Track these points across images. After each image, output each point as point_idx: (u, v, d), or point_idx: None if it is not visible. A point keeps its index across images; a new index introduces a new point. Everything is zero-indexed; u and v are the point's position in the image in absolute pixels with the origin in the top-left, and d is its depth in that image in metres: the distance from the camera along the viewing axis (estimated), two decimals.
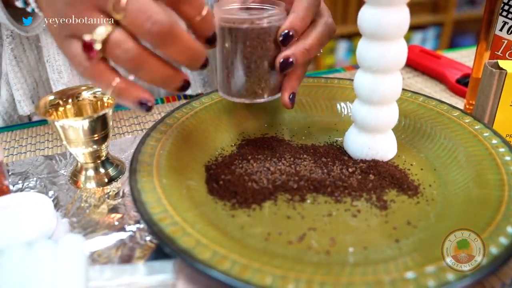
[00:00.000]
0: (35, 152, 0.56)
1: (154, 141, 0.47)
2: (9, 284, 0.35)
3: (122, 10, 0.34)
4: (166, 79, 0.38)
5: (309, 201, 0.43)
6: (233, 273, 0.32)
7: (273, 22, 0.45)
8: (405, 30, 0.43)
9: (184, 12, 0.38)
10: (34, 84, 0.66)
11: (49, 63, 0.64)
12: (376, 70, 0.44)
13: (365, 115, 0.47)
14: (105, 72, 0.37)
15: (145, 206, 0.38)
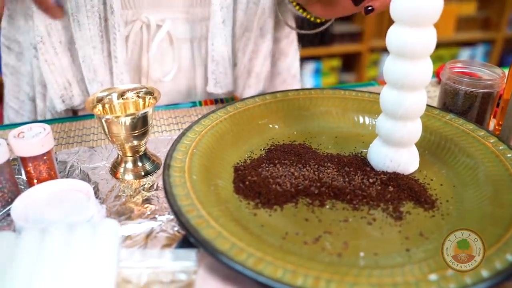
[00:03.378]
0: (81, 143, 0.61)
1: (188, 141, 0.51)
2: (51, 260, 0.39)
3: None
4: None
5: (328, 207, 0.46)
6: (247, 264, 0.35)
7: None
8: (431, 50, 0.45)
9: None
10: (66, 84, 0.70)
11: (85, 63, 0.68)
12: (401, 87, 0.47)
13: (389, 129, 0.49)
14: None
15: (175, 198, 0.42)
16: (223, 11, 0.68)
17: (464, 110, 0.60)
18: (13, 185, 0.50)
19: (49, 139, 0.50)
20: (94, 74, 0.69)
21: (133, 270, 0.40)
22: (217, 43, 0.71)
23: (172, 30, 0.71)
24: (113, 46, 0.67)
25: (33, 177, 0.51)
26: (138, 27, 0.69)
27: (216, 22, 0.69)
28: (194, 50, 0.75)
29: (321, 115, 0.62)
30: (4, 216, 0.48)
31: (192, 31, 0.73)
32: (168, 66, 0.73)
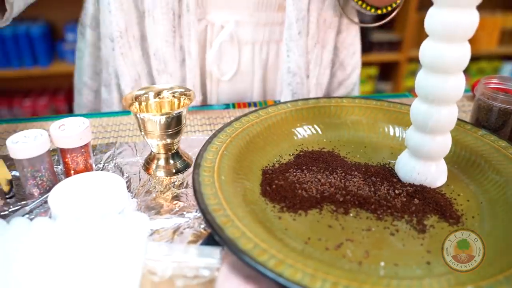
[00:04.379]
0: (117, 138, 0.64)
1: (219, 142, 0.53)
2: (82, 246, 0.41)
3: None
4: None
5: (352, 215, 0.47)
6: (269, 265, 0.36)
7: None
8: (465, 65, 0.45)
9: None
10: (136, 76, 0.75)
11: (156, 56, 0.72)
12: (432, 100, 0.47)
13: (418, 142, 0.49)
14: None
15: (203, 197, 0.43)
16: (299, 23, 0.70)
17: (498, 127, 0.59)
18: (51, 175, 0.52)
19: (87, 133, 0.52)
20: (165, 65, 0.72)
21: (159, 263, 0.41)
22: (293, 55, 0.73)
23: (235, 32, 0.73)
24: (187, 42, 0.70)
25: (70, 168, 0.53)
26: (203, 26, 0.73)
27: (292, 34, 0.71)
28: (255, 53, 0.77)
29: (352, 124, 0.62)
30: (42, 203, 0.51)
31: (255, 35, 0.75)
32: (228, 66, 0.76)
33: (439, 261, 0.41)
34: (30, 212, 0.49)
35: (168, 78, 0.73)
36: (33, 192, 0.52)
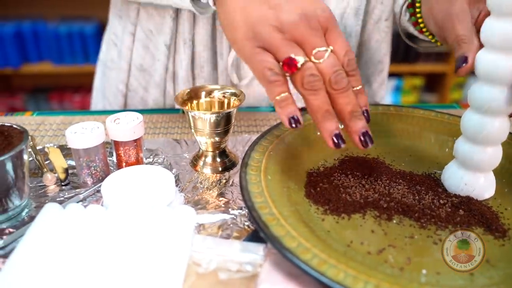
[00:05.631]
0: (167, 135, 0.66)
1: (266, 143, 0.54)
2: (132, 235, 0.43)
3: (319, 58, 0.44)
4: (326, 113, 0.44)
5: (395, 221, 0.47)
6: (312, 263, 0.37)
7: None
8: None
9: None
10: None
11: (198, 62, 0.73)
12: (485, 111, 0.46)
13: (467, 152, 0.49)
14: (281, 86, 0.44)
15: (250, 195, 0.45)
16: None
17: None
18: (105, 165, 0.55)
19: (140, 127, 0.55)
20: (201, 70, 0.73)
21: (204, 255, 0.43)
22: None
23: None
24: (219, 44, 0.71)
25: (122, 160, 0.56)
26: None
27: None
28: None
29: (397, 132, 0.62)
30: (95, 192, 0.53)
31: None
32: (245, 71, 0.75)
33: (483, 272, 0.41)
34: (84, 200, 0.52)
35: (202, 82, 0.74)
36: (87, 181, 0.54)
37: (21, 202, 0.49)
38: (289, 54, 0.43)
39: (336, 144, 0.45)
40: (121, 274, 0.39)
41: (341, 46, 0.46)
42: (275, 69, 0.44)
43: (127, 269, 0.40)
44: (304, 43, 0.44)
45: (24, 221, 0.48)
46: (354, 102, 0.45)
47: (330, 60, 0.44)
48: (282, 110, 0.44)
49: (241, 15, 0.46)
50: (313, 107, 0.44)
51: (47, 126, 0.69)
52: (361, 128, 0.45)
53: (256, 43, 0.45)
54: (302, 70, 0.43)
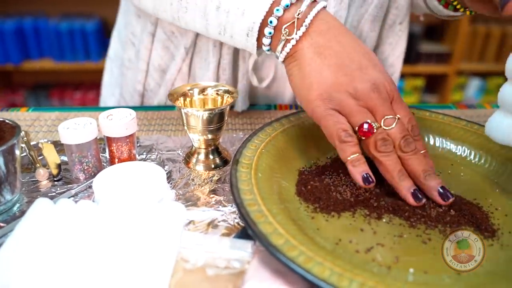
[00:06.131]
0: (161, 132, 0.66)
1: (258, 140, 0.54)
2: (121, 230, 0.43)
3: (389, 125, 0.48)
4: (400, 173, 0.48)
5: (385, 220, 0.47)
6: (298, 261, 0.37)
7: None
8: None
9: None
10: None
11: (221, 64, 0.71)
12: None
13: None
14: (354, 146, 0.47)
15: (239, 192, 0.45)
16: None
17: None
18: (97, 161, 0.55)
19: (133, 124, 0.55)
20: (223, 72, 0.72)
21: (192, 252, 0.43)
22: None
23: None
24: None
25: (115, 156, 0.56)
26: None
27: None
28: None
29: None
30: (87, 187, 0.53)
31: None
32: (265, 73, 0.75)
33: (470, 272, 0.41)
34: (75, 195, 0.52)
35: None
36: (79, 177, 0.55)
37: (12, 197, 0.49)
38: (365, 120, 0.47)
39: (416, 197, 0.47)
40: (109, 269, 0.39)
41: (405, 115, 0.50)
42: (349, 130, 0.47)
43: (115, 264, 0.40)
44: (376, 110, 0.49)
45: (15, 216, 0.49)
46: (425, 162, 0.49)
47: (399, 126, 0.48)
48: (355, 169, 0.47)
49: (317, 78, 0.49)
50: (388, 167, 0.48)
51: (42, 122, 0.69)
52: (437, 184, 0.48)
53: (330, 105, 0.48)
54: (375, 135, 0.48)
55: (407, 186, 0.48)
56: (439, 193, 0.48)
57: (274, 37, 0.52)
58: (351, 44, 0.51)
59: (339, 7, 0.67)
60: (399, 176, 0.48)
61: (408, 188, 0.48)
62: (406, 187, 0.48)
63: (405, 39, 0.80)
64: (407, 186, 0.48)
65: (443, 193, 0.48)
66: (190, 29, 0.62)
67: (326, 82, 0.49)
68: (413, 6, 0.76)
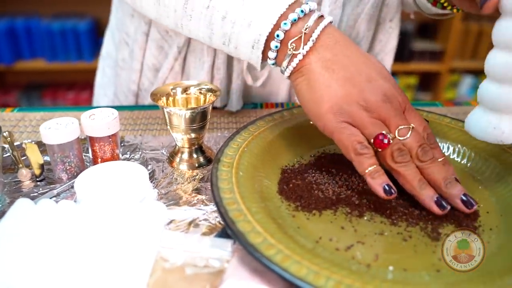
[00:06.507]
0: (146, 131, 0.66)
1: (241, 139, 0.54)
2: (101, 230, 0.43)
3: (403, 136, 0.47)
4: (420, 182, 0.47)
5: (366, 218, 0.47)
6: (275, 259, 0.37)
7: None
8: None
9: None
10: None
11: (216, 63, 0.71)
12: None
13: (495, 94, 0.46)
14: (371, 158, 0.47)
15: (219, 191, 0.45)
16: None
17: None
18: (80, 161, 0.55)
19: (115, 123, 0.54)
20: (217, 72, 0.71)
21: (172, 251, 0.43)
22: None
23: None
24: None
25: (98, 156, 0.56)
26: None
27: None
28: None
29: None
30: (69, 187, 0.53)
31: None
32: (259, 72, 0.73)
33: (449, 269, 0.41)
34: (58, 195, 0.52)
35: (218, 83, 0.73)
36: (62, 177, 0.54)
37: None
38: (379, 132, 0.47)
39: (440, 205, 0.46)
40: (87, 268, 0.39)
41: (419, 123, 0.49)
42: (364, 142, 0.47)
43: (94, 264, 0.40)
44: (390, 121, 0.48)
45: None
46: (445, 170, 0.48)
47: (414, 136, 0.48)
48: (375, 181, 0.46)
49: (326, 91, 0.48)
50: (408, 177, 0.47)
51: (26, 122, 0.69)
52: (459, 191, 0.47)
53: (342, 118, 0.48)
54: (390, 146, 0.47)
55: (430, 195, 0.47)
56: (462, 201, 0.47)
57: (280, 51, 0.51)
58: (358, 57, 0.50)
59: (334, 6, 0.67)
60: (419, 185, 0.47)
61: (431, 197, 0.47)
62: (429, 196, 0.47)
63: (395, 36, 0.80)
64: (430, 195, 0.47)
65: (466, 201, 0.47)
66: (192, 37, 0.61)
67: (336, 95, 0.48)
68: (403, 3, 0.76)
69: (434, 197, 0.47)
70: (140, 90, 0.79)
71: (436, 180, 0.47)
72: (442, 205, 0.46)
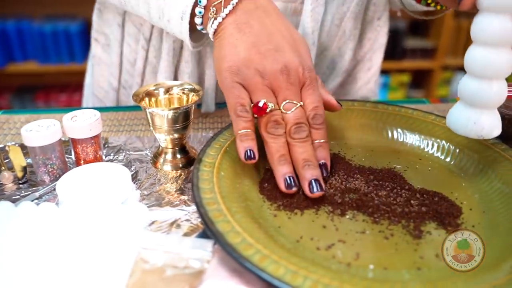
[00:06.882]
0: (130, 132, 0.66)
1: (224, 139, 0.54)
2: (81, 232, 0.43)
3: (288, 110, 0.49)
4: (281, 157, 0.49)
5: (348, 217, 0.47)
6: (253, 259, 0.37)
7: None
8: None
9: None
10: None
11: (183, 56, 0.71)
12: (490, 44, 0.44)
13: (474, 90, 0.47)
14: (247, 122, 0.49)
15: (199, 191, 0.44)
16: (314, 34, 0.69)
17: (510, 136, 0.58)
18: (62, 163, 0.55)
19: (98, 124, 0.54)
20: (185, 65, 0.71)
21: (153, 252, 0.42)
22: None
23: None
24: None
25: (80, 158, 0.55)
26: None
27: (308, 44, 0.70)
28: None
29: (361, 127, 0.62)
30: (51, 190, 0.53)
31: None
32: None
33: (430, 267, 0.41)
34: (40, 198, 0.51)
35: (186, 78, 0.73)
36: (44, 179, 0.54)
37: None
38: (262, 99, 0.48)
39: (288, 185, 0.48)
40: (67, 270, 0.39)
41: (312, 101, 0.50)
42: (247, 106, 0.49)
43: (73, 266, 0.39)
44: (279, 93, 0.50)
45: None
46: (310, 153, 0.49)
47: (296, 112, 0.49)
48: (241, 143, 0.48)
49: (231, 51, 0.50)
50: (271, 149, 0.49)
51: (11, 125, 0.68)
52: (312, 175, 0.48)
53: (237, 79, 0.49)
54: (269, 115, 0.49)
55: (282, 172, 0.48)
56: (308, 185, 0.47)
57: (204, 17, 0.54)
58: (276, 25, 0.52)
59: (316, 3, 0.67)
60: (278, 160, 0.48)
61: (283, 174, 0.48)
62: (282, 172, 0.48)
63: (384, 34, 0.80)
64: (282, 172, 0.48)
65: (313, 185, 0.47)
66: (135, 13, 0.63)
67: (238, 56, 0.50)
68: (390, 1, 0.76)
69: (286, 175, 0.48)
70: (124, 88, 0.79)
71: (297, 160, 0.49)
72: (290, 185, 0.48)
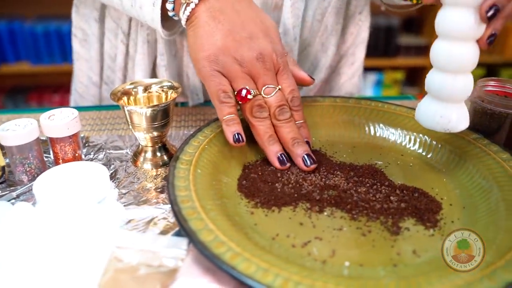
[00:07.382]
0: (112, 131, 0.65)
1: (203, 136, 0.53)
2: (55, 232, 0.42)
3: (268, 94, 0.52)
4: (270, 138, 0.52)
5: (326, 214, 0.46)
6: (224, 257, 0.36)
7: None
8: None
9: None
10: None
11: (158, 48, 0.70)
12: (453, 38, 0.45)
13: (440, 83, 0.47)
14: (231, 107, 0.51)
15: (174, 189, 0.44)
16: (295, 30, 0.69)
17: (493, 131, 0.57)
18: (40, 162, 0.54)
19: (76, 123, 0.54)
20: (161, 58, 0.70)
21: (127, 251, 0.42)
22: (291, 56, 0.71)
23: None
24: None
25: (59, 157, 0.55)
26: None
27: (290, 40, 0.70)
28: None
29: (343, 123, 0.62)
30: (29, 189, 0.52)
31: None
32: None
33: (406, 264, 0.40)
34: (17, 198, 0.51)
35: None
36: (22, 179, 0.54)
37: None
38: (244, 86, 0.51)
39: (281, 161, 0.52)
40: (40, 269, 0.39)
41: (289, 85, 0.53)
42: (229, 92, 0.51)
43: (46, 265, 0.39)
44: (258, 79, 0.52)
45: None
46: (296, 131, 0.53)
47: (277, 96, 0.52)
48: (228, 128, 0.51)
49: (207, 40, 0.51)
50: (259, 131, 0.52)
51: None
52: (303, 151, 0.52)
53: (216, 67, 0.51)
54: (252, 101, 0.51)
55: (274, 151, 0.52)
56: (303, 159, 0.51)
57: (176, 2, 0.54)
58: (248, 13, 0.53)
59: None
60: (268, 140, 0.52)
61: (275, 153, 0.52)
62: (274, 151, 0.52)
63: (366, 29, 0.80)
64: (274, 151, 0.52)
65: (306, 160, 0.51)
66: (110, 4, 0.63)
67: (215, 45, 0.51)
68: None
69: (278, 153, 0.52)
70: (106, 84, 0.78)
71: (285, 138, 0.52)
72: (283, 161, 0.52)
